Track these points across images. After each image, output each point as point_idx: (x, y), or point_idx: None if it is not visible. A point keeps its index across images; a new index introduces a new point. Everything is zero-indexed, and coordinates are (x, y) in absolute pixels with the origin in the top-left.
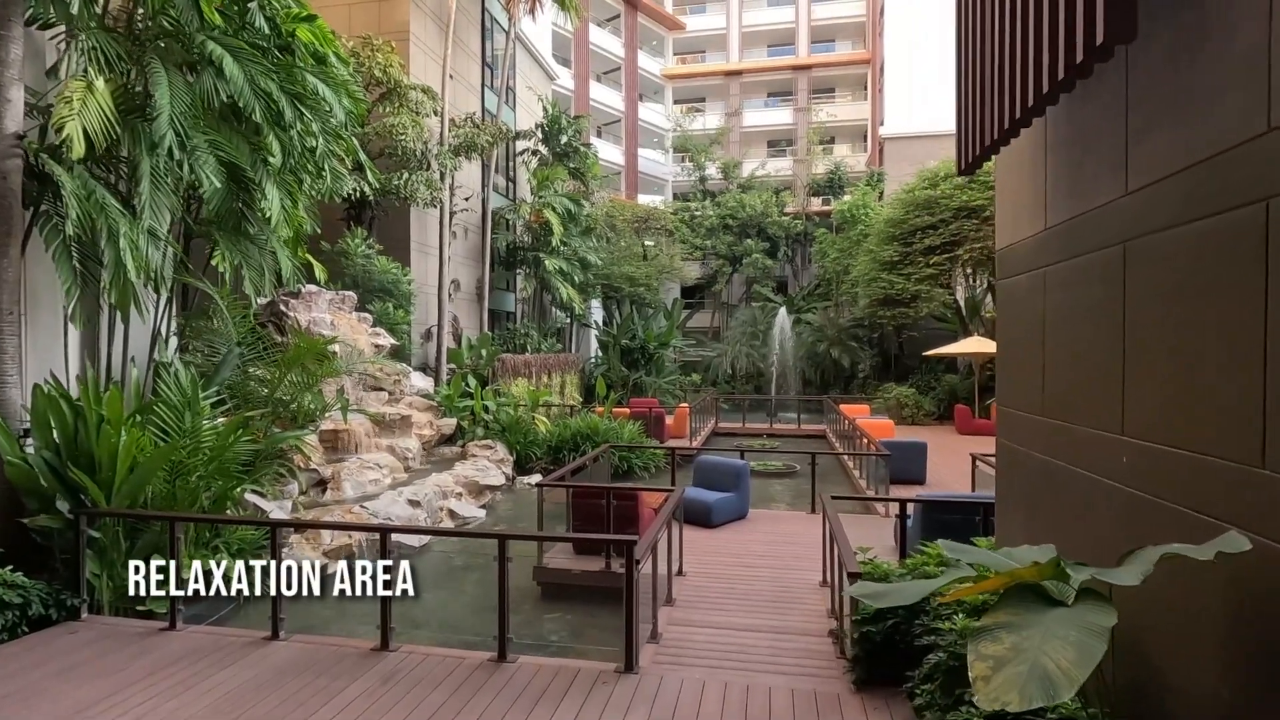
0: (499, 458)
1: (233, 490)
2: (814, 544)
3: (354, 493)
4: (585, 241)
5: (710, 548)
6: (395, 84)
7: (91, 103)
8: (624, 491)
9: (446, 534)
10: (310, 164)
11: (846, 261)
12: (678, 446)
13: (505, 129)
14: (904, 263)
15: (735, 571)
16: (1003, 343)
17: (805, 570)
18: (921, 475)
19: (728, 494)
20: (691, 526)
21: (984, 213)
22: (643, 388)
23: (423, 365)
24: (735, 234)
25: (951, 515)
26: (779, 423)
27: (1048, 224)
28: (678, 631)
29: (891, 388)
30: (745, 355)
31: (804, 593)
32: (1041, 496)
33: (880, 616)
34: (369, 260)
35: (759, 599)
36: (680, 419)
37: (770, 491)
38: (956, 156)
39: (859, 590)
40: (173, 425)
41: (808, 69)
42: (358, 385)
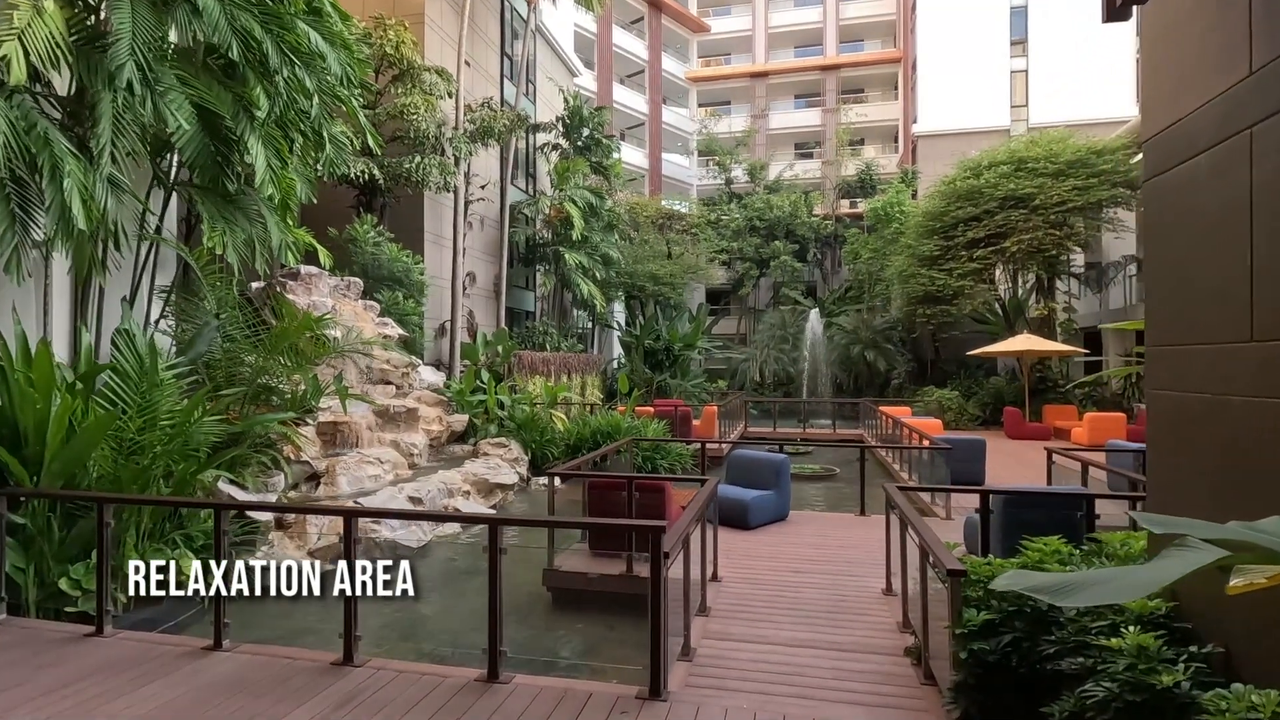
0: (513, 456)
1: (193, 475)
2: (869, 548)
3: (350, 489)
4: (607, 237)
5: (748, 551)
6: (408, 65)
7: (39, 26)
8: (649, 482)
9: (425, 517)
10: (304, 125)
11: (880, 262)
12: (708, 439)
13: (523, 115)
14: (945, 257)
15: (780, 577)
16: (1155, 262)
17: (863, 577)
18: (980, 476)
19: (766, 492)
20: (725, 528)
21: (1033, 201)
22: (667, 390)
23: (436, 362)
24: (763, 236)
25: (1033, 513)
26: (811, 427)
27: (1254, 66)
28: (715, 647)
29: (932, 390)
30: (774, 359)
31: (866, 603)
32: (1250, 457)
33: (992, 630)
34: (378, 248)
35: (812, 609)
36: (708, 419)
37: (808, 495)
38: (1104, 3)
39: (1022, 583)
40: (124, 397)
41: (836, 69)
42: (363, 378)
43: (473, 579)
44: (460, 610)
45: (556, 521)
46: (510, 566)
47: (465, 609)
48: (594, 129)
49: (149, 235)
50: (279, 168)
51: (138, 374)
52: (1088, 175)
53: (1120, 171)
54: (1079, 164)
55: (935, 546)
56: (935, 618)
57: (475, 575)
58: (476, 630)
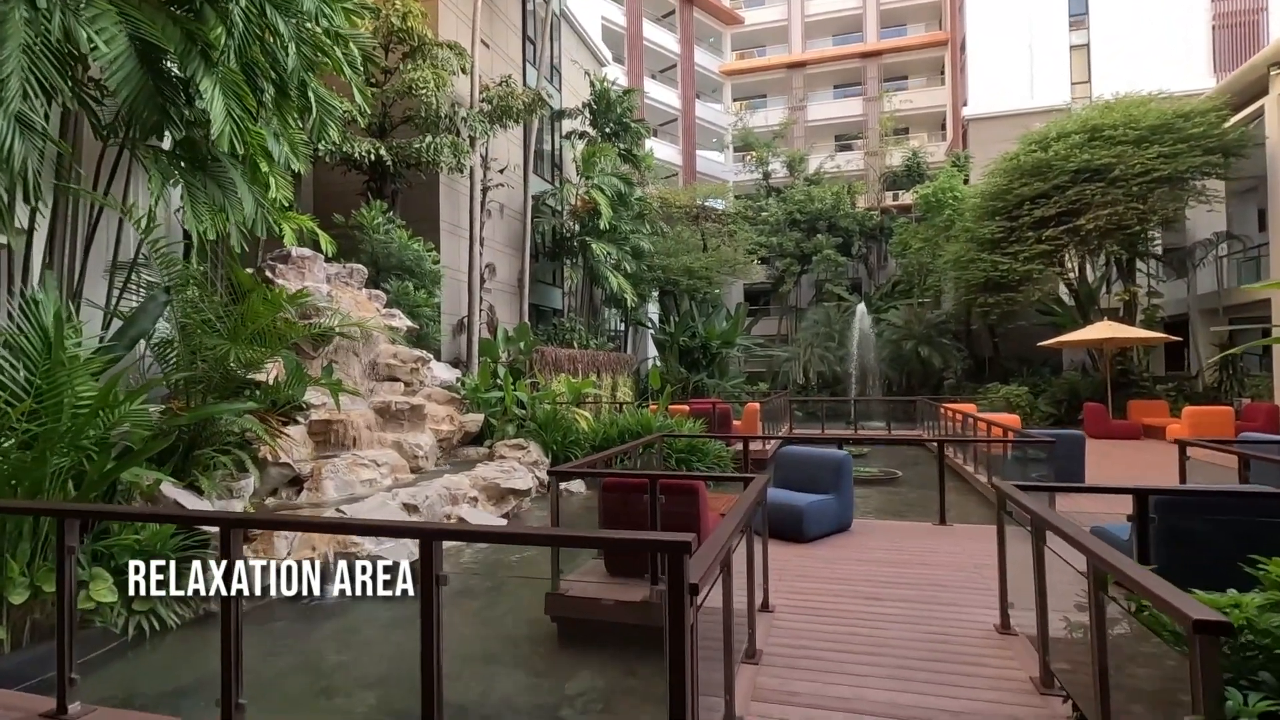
0: (532, 459)
1: (108, 473)
2: (959, 566)
3: (338, 494)
4: (638, 227)
5: (806, 569)
6: (419, 40)
7: None
8: (678, 482)
9: (305, 528)
10: (277, 74)
11: (931, 252)
12: (752, 436)
13: (544, 94)
14: (1010, 240)
15: (852, 607)
16: None
17: (965, 607)
18: (1080, 476)
19: (824, 496)
20: (775, 540)
21: (1110, 173)
22: (704, 390)
23: (454, 359)
24: (804, 230)
25: (1200, 520)
26: (863, 429)
27: None
28: (771, 714)
29: (997, 387)
30: (819, 358)
31: (978, 645)
32: None
33: None
34: (387, 235)
35: (903, 655)
36: (750, 418)
37: (870, 501)
38: None
39: None
40: (14, 378)
41: (877, 55)
42: (367, 374)
43: (470, 602)
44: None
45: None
46: (507, 587)
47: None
48: (623, 113)
49: (67, 186)
50: (241, 116)
51: (40, 351)
52: (1175, 141)
53: (1213, 135)
54: (1163, 129)
55: (1134, 572)
56: (1125, 678)
57: (470, 597)
58: (454, 679)
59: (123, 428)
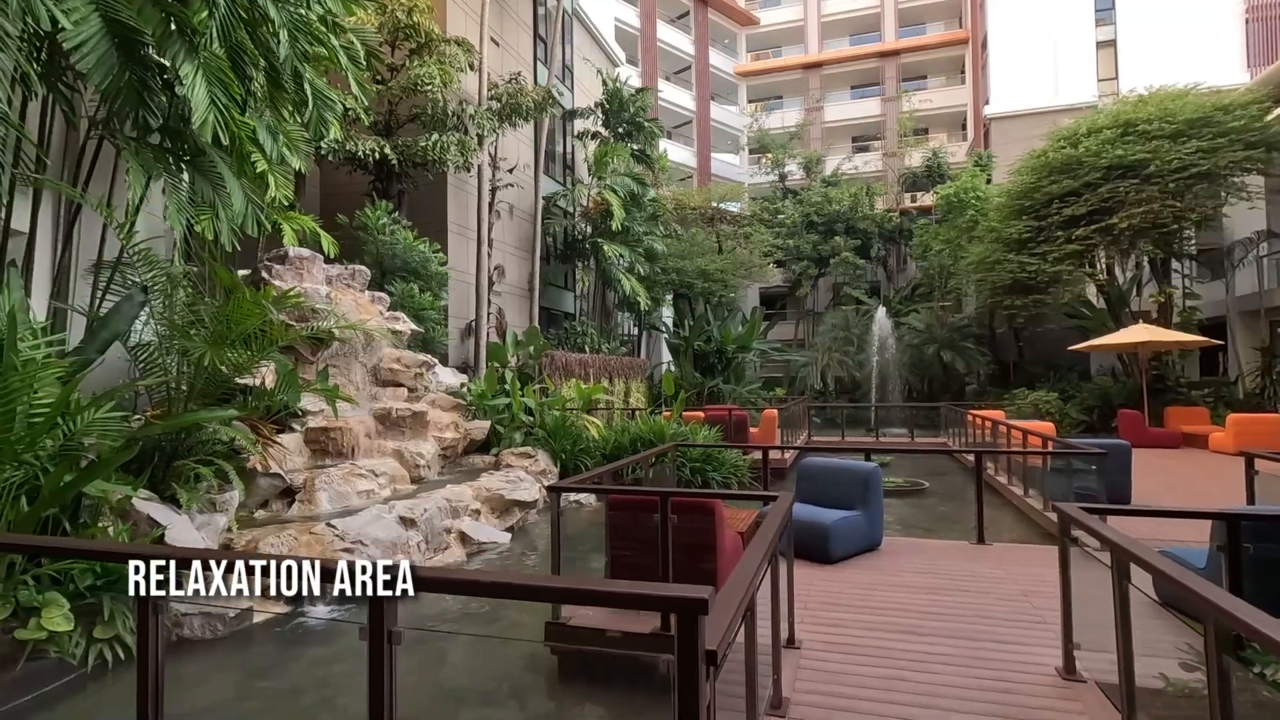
0: (540, 468)
1: (69, 486)
2: (1006, 594)
3: (331, 506)
4: (651, 229)
5: (834, 596)
6: (426, 36)
7: None
8: (693, 500)
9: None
10: (266, 62)
11: (953, 254)
12: (770, 445)
13: (555, 93)
14: (1037, 239)
15: (891, 643)
16: None
17: (1020, 645)
18: (1126, 490)
19: (851, 512)
20: (799, 561)
21: (1145, 169)
22: (719, 396)
23: (462, 364)
24: (821, 232)
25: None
26: (884, 436)
27: None
28: None
29: (1024, 393)
30: (837, 363)
31: (1040, 694)
32: None
33: None
34: (392, 235)
35: (956, 706)
36: (768, 425)
37: (896, 515)
38: None
39: None
40: None
41: (895, 55)
42: (369, 379)
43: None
44: (425, 686)
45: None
46: (503, 614)
47: (429, 686)
48: (636, 113)
49: (40, 180)
50: (226, 105)
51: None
52: (1214, 135)
53: (1254, 129)
54: (1201, 122)
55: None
56: None
57: (469, 621)
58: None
59: (90, 438)
